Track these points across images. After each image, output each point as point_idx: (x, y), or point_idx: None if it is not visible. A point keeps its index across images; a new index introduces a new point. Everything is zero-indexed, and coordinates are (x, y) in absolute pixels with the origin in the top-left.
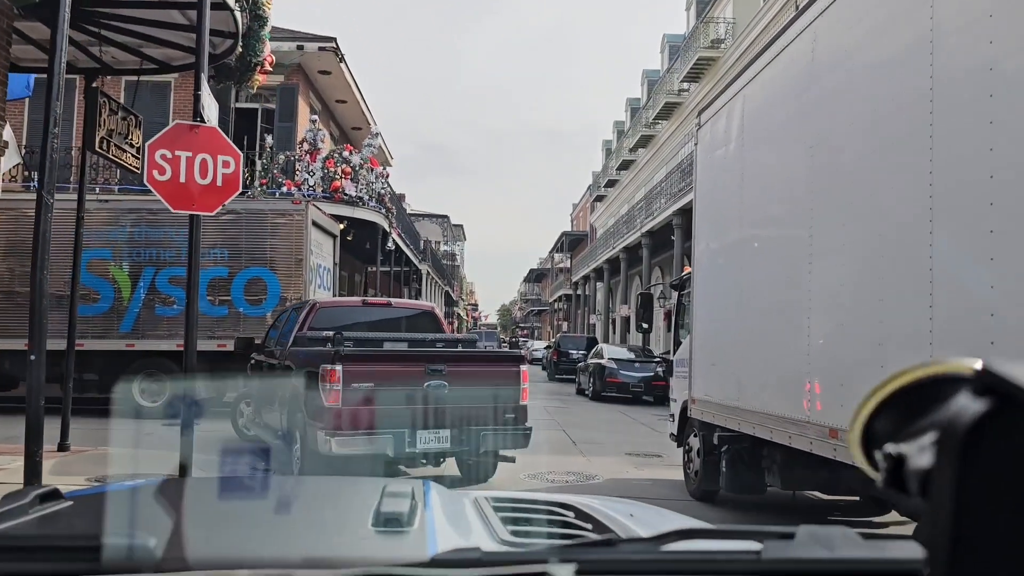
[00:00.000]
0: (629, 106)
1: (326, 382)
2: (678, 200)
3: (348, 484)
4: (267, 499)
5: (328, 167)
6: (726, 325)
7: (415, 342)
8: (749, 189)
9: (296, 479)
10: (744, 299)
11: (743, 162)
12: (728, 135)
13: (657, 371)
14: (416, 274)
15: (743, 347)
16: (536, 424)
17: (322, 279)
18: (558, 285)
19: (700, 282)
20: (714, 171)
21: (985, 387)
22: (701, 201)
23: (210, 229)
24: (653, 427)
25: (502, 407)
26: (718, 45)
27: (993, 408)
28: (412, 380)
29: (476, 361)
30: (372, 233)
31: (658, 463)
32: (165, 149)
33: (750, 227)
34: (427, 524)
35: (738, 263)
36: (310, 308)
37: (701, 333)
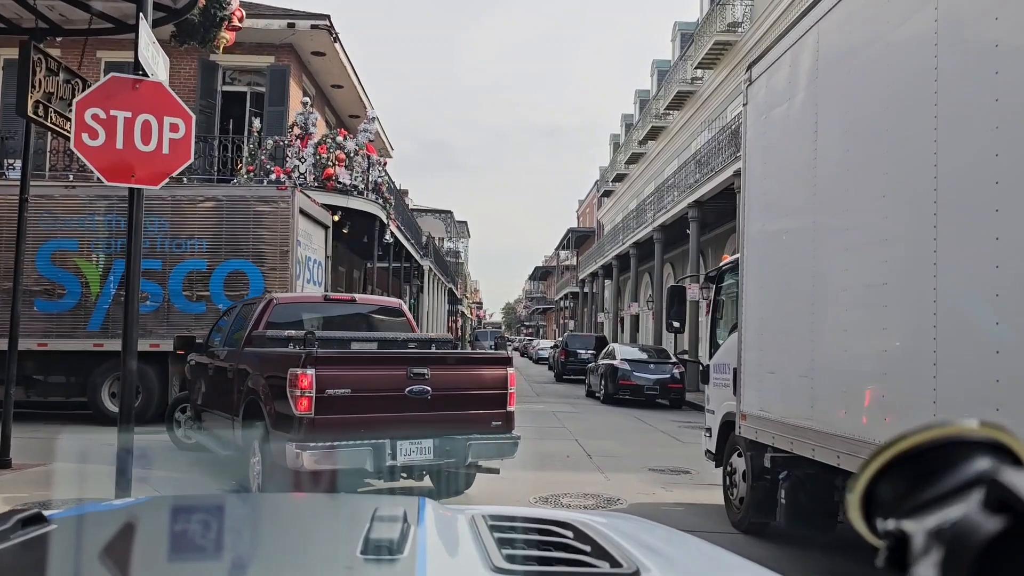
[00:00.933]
0: (638, 98)
1: (295, 388)
2: (694, 192)
3: (338, 504)
4: (254, 521)
5: (320, 153)
6: (792, 325)
7: (386, 342)
8: (828, 154)
9: (283, 497)
10: (822, 294)
11: (817, 120)
12: (792, 87)
13: (673, 373)
14: (418, 270)
15: (821, 354)
16: (546, 432)
17: (312, 273)
18: (564, 283)
19: (753, 272)
20: (772, 135)
21: (999, 501)
22: (753, 172)
23: (186, 218)
24: (674, 435)
25: (489, 414)
26: (735, 28)
27: (1007, 528)
28: (392, 385)
29: (461, 364)
30: (370, 226)
31: (688, 482)
32: (98, 108)
33: (832, 203)
34: (418, 551)
35: (811, 248)
36: (266, 304)
37: (755, 334)
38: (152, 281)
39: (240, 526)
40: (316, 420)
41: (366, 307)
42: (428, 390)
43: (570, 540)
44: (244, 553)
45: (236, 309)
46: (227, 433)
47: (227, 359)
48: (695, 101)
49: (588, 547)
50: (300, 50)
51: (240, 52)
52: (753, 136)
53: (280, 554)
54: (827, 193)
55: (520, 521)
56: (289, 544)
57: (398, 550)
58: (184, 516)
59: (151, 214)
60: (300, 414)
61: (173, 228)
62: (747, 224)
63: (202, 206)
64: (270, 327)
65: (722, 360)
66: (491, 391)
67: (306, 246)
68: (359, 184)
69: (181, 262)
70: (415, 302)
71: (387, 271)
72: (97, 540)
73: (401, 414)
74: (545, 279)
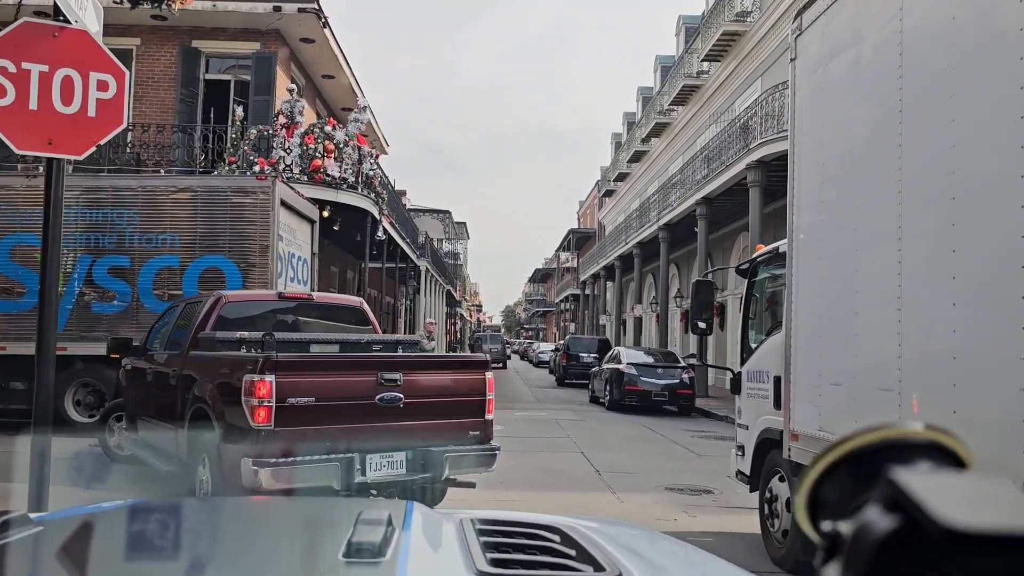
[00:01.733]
0: (640, 95)
1: (252, 396)
2: (702, 188)
3: (324, 507)
4: (241, 524)
5: (308, 144)
6: (868, 327)
7: (349, 344)
8: (921, 105)
9: (269, 501)
10: (918, 288)
11: (903, 71)
12: (862, 29)
13: (683, 378)
14: (414, 271)
15: (916, 362)
16: (549, 444)
17: (296, 271)
18: (564, 285)
19: (807, 263)
20: (832, 93)
21: (895, 502)
22: (806, 141)
23: (158, 211)
24: (688, 447)
25: (466, 422)
26: (744, 18)
27: (901, 528)
28: (361, 392)
29: (436, 368)
30: (362, 222)
31: (711, 504)
32: (6, 60)
33: (927, 165)
34: (400, 554)
35: (895, 229)
36: (214, 302)
37: (809, 338)
38: (120, 279)
39: (225, 529)
40: (276, 433)
41: (324, 306)
42: (401, 397)
43: (556, 544)
44: (228, 556)
45: (178, 308)
46: (169, 445)
47: (169, 363)
48: (701, 95)
49: (573, 551)
50: (288, 36)
51: (224, 38)
52: (805, 98)
53: (263, 557)
54: (920, 153)
55: (508, 525)
56: (273, 547)
57: (380, 553)
58: (169, 519)
59: (119, 207)
60: (257, 426)
61: (143, 222)
62: (798, 204)
63: (175, 198)
64: (219, 327)
65: (758, 367)
66: (468, 398)
67: (289, 241)
68: (349, 177)
69: (152, 259)
70: (412, 304)
71: (382, 271)
72: (82, 543)
73: (371, 424)
74: (545, 281)
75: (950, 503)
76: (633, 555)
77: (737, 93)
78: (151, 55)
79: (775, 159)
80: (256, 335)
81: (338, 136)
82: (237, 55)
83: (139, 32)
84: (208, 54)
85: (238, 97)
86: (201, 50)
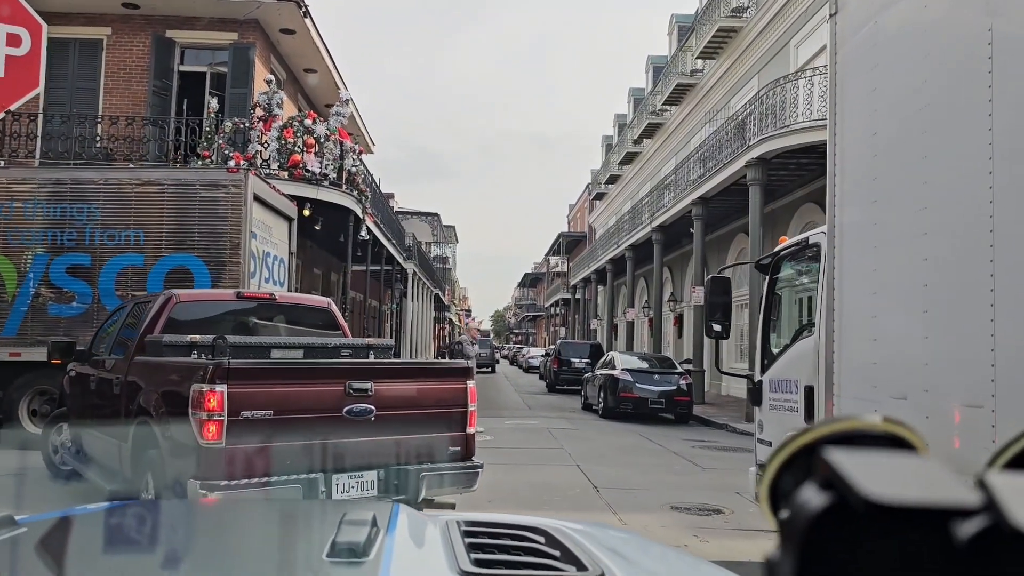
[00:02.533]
0: (632, 96)
1: (201, 409)
2: (698, 188)
3: (310, 508)
4: (225, 524)
5: (286, 138)
6: (939, 328)
7: (315, 349)
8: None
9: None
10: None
11: (991, 4)
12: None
13: (680, 384)
14: (401, 274)
15: (1004, 370)
16: (542, 456)
17: (272, 271)
18: (554, 289)
19: (856, 253)
20: (887, 50)
21: (828, 481)
22: (854, 107)
23: (121, 205)
24: (690, 459)
25: (445, 437)
26: (740, 14)
27: (831, 505)
28: (327, 404)
29: (412, 376)
30: (344, 221)
31: (723, 526)
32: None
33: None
34: (384, 554)
35: (987, 213)
36: (164, 302)
37: (861, 342)
38: (80, 279)
39: (209, 529)
40: (227, 451)
41: (288, 307)
42: (372, 409)
43: (541, 545)
44: (212, 556)
45: (126, 309)
46: (112, 461)
47: (113, 370)
48: (695, 94)
49: (558, 552)
50: (267, 27)
51: (199, 28)
52: (849, 60)
53: (248, 557)
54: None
55: (493, 527)
56: (257, 547)
57: (364, 553)
58: (155, 520)
59: (78, 200)
60: (206, 443)
61: (105, 217)
62: (842, 181)
63: (140, 191)
64: (169, 330)
65: (784, 375)
66: (448, 409)
67: (264, 239)
68: (331, 173)
69: (114, 257)
70: (399, 308)
71: (367, 274)
72: (67, 544)
73: (338, 440)
74: (535, 286)
75: (876, 480)
76: (618, 556)
77: (733, 91)
78: (122, 45)
79: (776, 156)
80: (208, 338)
81: (319, 130)
82: (213, 46)
83: (110, 21)
84: (183, 45)
85: (214, 90)
86: (176, 40)
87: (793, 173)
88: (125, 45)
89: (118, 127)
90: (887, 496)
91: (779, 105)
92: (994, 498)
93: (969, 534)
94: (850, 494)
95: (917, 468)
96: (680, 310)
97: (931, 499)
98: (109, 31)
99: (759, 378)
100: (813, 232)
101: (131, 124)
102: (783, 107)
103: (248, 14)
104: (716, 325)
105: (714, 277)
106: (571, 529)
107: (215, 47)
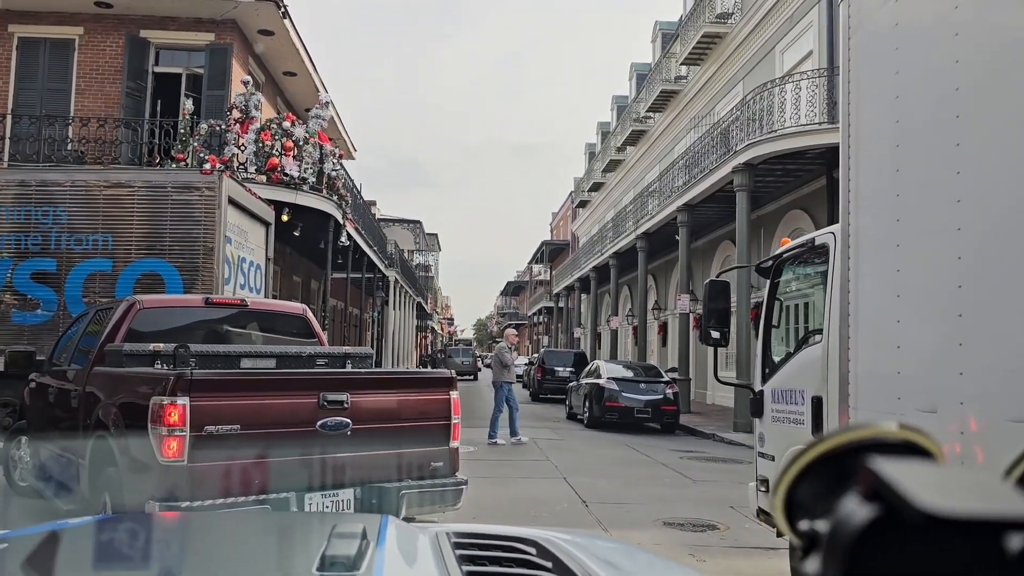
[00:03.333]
0: (615, 104)
1: (161, 424)
2: (683, 195)
3: (299, 521)
4: (213, 537)
5: (264, 140)
6: (976, 334)
7: (288, 358)
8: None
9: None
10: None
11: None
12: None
13: (666, 393)
14: (383, 282)
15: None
16: (528, 468)
17: (248, 277)
18: (537, 298)
19: (876, 252)
20: (912, 28)
21: (874, 491)
22: (878, 100)
23: (89, 208)
24: (680, 471)
25: (427, 452)
26: (725, 20)
27: (879, 517)
28: (300, 417)
29: (392, 387)
30: (324, 227)
31: (719, 543)
32: None
33: None
34: (375, 568)
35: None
36: (126, 309)
37: (879, 348)
38: (45, 285)
39: (197, 543)
40: (190, 469)
41: (261, 314)
42: (348, 423)
43: (532, 556)
44: (201, 570)
45: (88, 315)
46: (70, 480)
47: (74, 380)
48: (679, 101)
49: (550, 563)
50: (245, 27)
51: (174, 28)
52: (864, 45)
53: (236, 571)
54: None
55: (484, 538)
56: (246, 561)
57: (355, 567)
58: (142, 532)
59: (44, 203)
60: (166, 461)
61: (72, 221)
62: (857, 176)
63: (109, 194)
64: (132, 338)
65: (788, 385)
66: (430, 422)
67: (240, 244)
68: (310, 177)
69: (81, 262)
70: (380, 316)
71: (348, 281)
72: (54, 558)
73: (311, 457)
74: (518, 294)
75: (928, 489)
76: (610, 567)
77: (718, 97)
78: (95, 45)
79: (763, 161)
80: (170, 347)
81: (297, 133)
82: (189, 47)
83: (82, 20)
84: (158, 45)
85: (190, 92)
86: (150, 40)
87: (780, 179)
88: (98, 45)
89: (89, 129)
90: (947, 508)
91: (765, 110)
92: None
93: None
94: (904, 506)
95: (966, 477)
96: (664, 318)
97: (991, 511)
98: (81, 31)
99: (760, 388)
100: (819, 232)
101: (103, 126)
102: (770, 112)
103: (225, 14)
104: (714, 331)
105: (712, 281)
106: (562, 540)
107: (191, 48)
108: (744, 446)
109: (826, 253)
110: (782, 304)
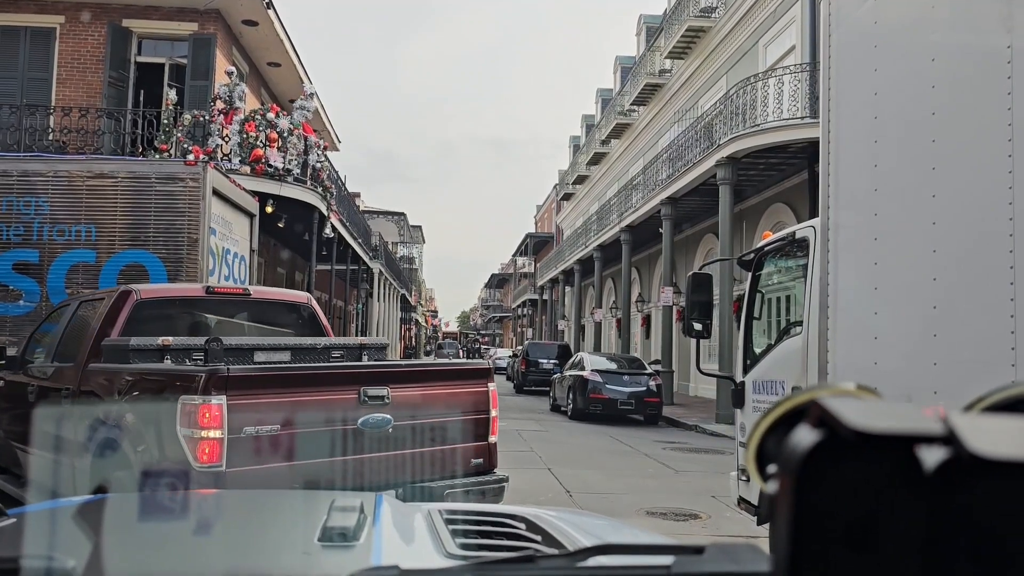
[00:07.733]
0: (600, 97)
1: (195, 427)
2: (667, 188)
3: (297, 498)
4: (215, 514)
5: (248, 131)
6: (951, 324)
7: (303, 350)
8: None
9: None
10: None
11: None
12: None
13: (649, 385)
14: (367, 274)
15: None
16: (513, 459)
17: (232, 269)
18: (521, 290)
19: (854, 247)
20: (891, 26)
21: (820, 421)
22: (857, 96)
23: (72, 199)
24: (662, 461)
25: (468, 448)
26: (709, 14)
27: (823, 441)
28: (340, 415)
29: (431, 379)
30: (308, 219)
31: (700, 531)
32: None
33: None
34: (374, 539)
35: (1003, 184)
36: (121, 299)
37: (857, 340)
38: (27, 276)
39: (204, 518)
40: (228, 475)
41: (265, 303)
42: (390, 420)
43: (523, 531)
44: (207, 542)
45: (69, 308)
46: (58, 485)
47: (59, 378)
48: (664, 94)
49: (539, 536)
50: (228, 17)
51: (157, 18)
52: (844, 42)
53: (242, 542)
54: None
55: (474, 514)
56: (251, 533)
57: (354, 537)
58: (147, 510)
59: (26, 193)
60: (202, 467)
61: (55, 211)
62: (837, 170)
63: (92, 184)
64: (129, 331)
65: (769, 376)
66: (469, 416)
67: (224, 236)
68: (294, 169)
69: (64, 253)
70: (365, 308)
71: (332, 273)
72: (59, 535)
73: (352, 457)
74: (502, 287)
75: (860, 415)
76: (595, 539)
77: (702, 91)
78: (76, 35)
79: (746, 155)
80: (189, 341)
81: (282, 124)
82: (172, 36)
83: (63, 9)
84: (140, 35)
85: (173, 82)
86: (132, 30)
87: (763, 173)
88: (79, 34)
89: (71, 119)
90: (871, 425)
91: (748, 104)
92: (954, 430)
93: (936, 462)
94: (840, 427)
95: (896, 408)
96: (648, 311)
97: (904, 428)
98: (62, 19)
99: (741, 379)
100: (800, 226)
101: (85, 116)
102: (753, 106)
103: (208, 4)
104: (697, 324)
105: (695, 274)
106: (551, 516)
107: (174, 38)
108: (726, 437)
109: (806, 246)
110: (763, 296)
